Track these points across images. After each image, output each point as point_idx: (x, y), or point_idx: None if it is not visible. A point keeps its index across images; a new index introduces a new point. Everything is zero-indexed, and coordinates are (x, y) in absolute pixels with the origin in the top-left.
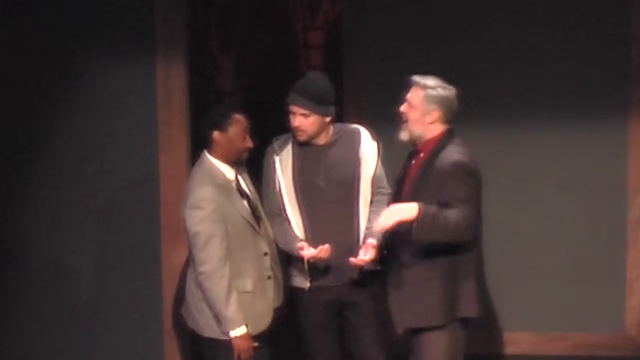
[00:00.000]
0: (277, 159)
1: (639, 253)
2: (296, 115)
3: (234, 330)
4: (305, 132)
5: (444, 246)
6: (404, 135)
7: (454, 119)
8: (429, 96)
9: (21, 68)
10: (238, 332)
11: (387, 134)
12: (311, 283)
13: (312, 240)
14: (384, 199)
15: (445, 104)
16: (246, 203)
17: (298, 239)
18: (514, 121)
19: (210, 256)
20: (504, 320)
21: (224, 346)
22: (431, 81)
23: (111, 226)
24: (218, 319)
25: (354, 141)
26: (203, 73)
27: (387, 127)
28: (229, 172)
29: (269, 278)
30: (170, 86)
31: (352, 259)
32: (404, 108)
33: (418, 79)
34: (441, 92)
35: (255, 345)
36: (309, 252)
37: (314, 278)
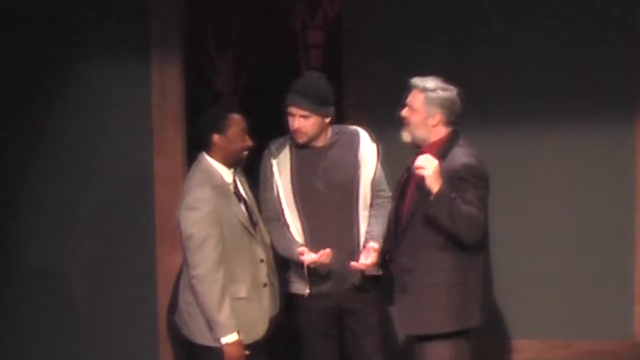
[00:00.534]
0: (274, 162)
1: None
2: (295, 117)
3: (225, 336)
4: (305, 134)
5: (452, 248)
6: (405, 136)
7: (457, 120)
8: (430, 99)
9: (11, 69)
10: (229, 338)
11: (388, 135)
12: (310, 289)
13: (311, 245)
14: (384, 202)
15: (446, 105)
16: (243, 207)
17: (297, 244)
18: (517, 122)
19: (204, 259)
20: (508, 328)
21: (215, 353)
22: (431, 83)
23: (105, 231)
24: (210, 324)
25: (353, 143)
26: (199, 73)
27: (388, 128)
28: (227, 174)
29: (264, 285)
30: (165, 87)
31: (353, 263)
32: (405, 112)
33: (417, 81)
34: (441, 93)
35: (247, 353)
36: (309, 256)
37: (313, 284)
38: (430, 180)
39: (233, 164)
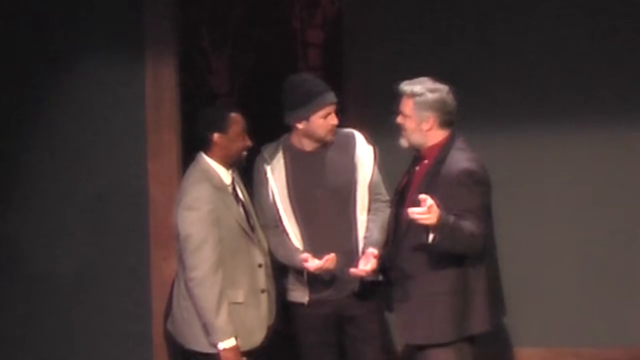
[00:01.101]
0: (268, 168)
1: None
2: (334, 114)
3: (222, 341)
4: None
5: (453, 256)
6: (403, 143)
7: (453, 119)
8: (419, 103)
9: (3, 69)
10: (227, 343)
11: (389, 136)
12: (310, 296)
13: (310, 251)
14: (382, 206)
15: (437, 107)
16: (241, 209)
17: (299, 251)
18: (520, 124)
19: (202, 261)
20: (514, 335)
21: None
22: (418, 87)
23: (97, 236)
24: (206, 329)
25: (349, 145)
26: (194, 73)
27: (389, 129)
28: (225, 175)
29: (262, 291)
30: (160, 87)
31: (353, 269)
32: (399, 119)
33: (404, 87)
34: (430, 96)
35: None
36: (313, 263)
37: (312, 291)
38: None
39: (232, 164)
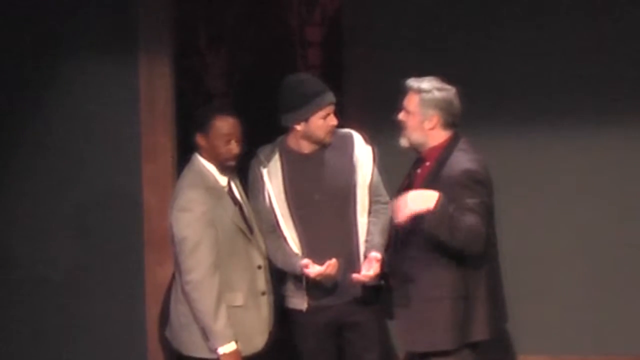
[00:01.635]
0: (264, 170)
1: None
2: (334, 114)
3: (222, 346)
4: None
5: (454, 258)
6: (403, 142)
7: (457, 121)
8: (425, 100)
9: None
10: (227, 348)
11: (389, 136)
12: (309, 303)
13: (309, 256)
14: (383, 208)
15: (443, 106)
16: (238, 210)
17: (299, 256)
18: (524, 124)
19: (199, 263)
20: (517, 343)
21: None
22: (426, 84)
23: (89, 241)
24: (205, 334)
25: (347, 146)
26: (190, 73)
27: (390, 129)
28: (221, 176)
29: (262, 294)
30: (154, 88)
31: (355, 275)
32: (401, 115)
33: (412, 82)
34: (437, 94)
35: None
36: (314, 269)
37: (312, 297)
38: (424, 203)
39: (223, 168)
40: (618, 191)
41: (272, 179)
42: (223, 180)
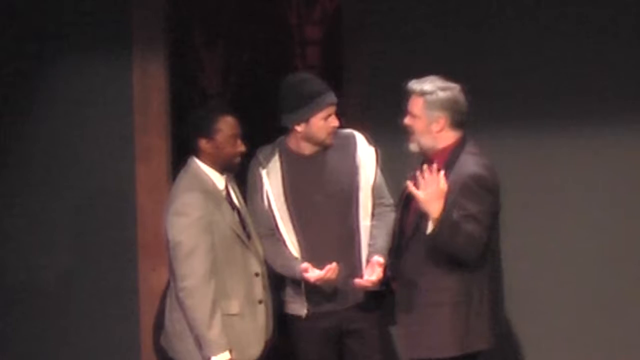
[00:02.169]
0: (263, 172)
1: None
2: (335, 115)
3: (215, 355)
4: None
5: (456, 264)
6: (413, 147)
7: (464, 119)
8: (429, 102)
9: None
10: (220, 357)
11: (391, 137)
12: (309, 309)
13: (310, 261)
14: (386, 211)
15: (449, 106)
16: (236, 215)
17: (298, 260)
18: (532, 126)
19: (193, 270)
20: (520, 352)
21: None
22: (428, 85)
23: (82, 245)
24: (199, 342)
25: (349, 147)
26: (185, 72)
27: (390, 129)
28: (219, 180)
29: (259, 302)
30: (148, 88)
31: (357, 280)
32: (407, 120)
33: (414, 85)
34: (441, 94)
35: None
36: (314, 273)
37: (311, 303)
38: (432, 208)
39: (225, 169)
40: (626, 195)
41: (272, 180)
42: (221, 184)
